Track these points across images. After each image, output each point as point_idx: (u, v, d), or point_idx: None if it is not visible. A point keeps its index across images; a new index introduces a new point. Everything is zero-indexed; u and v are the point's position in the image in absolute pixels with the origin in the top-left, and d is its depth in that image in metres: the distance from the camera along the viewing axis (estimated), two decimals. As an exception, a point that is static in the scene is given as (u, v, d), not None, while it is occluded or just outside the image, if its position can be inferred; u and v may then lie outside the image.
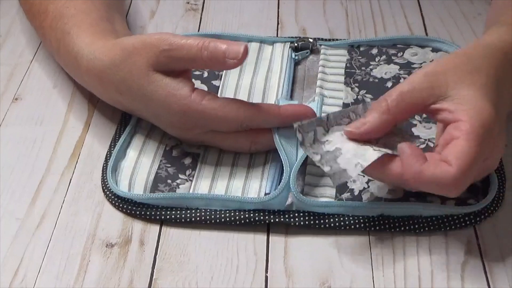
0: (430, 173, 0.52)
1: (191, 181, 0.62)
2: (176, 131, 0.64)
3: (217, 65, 0.61)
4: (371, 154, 0.55)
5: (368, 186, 0.61)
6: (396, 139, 0.57)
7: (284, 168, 0.60)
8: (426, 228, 0.58)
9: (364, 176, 0.61)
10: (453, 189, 0.53)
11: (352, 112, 0.59)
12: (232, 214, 0.59)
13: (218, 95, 0.70)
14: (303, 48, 0.76)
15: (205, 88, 0.71)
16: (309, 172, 0.62)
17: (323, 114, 0.61)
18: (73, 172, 0.64)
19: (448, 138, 0.54)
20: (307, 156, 0.60)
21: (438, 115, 0.56)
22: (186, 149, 0.65)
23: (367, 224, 0.58)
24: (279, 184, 0.60)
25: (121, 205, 0.61)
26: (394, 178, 0.55)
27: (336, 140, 0.58)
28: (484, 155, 0.54)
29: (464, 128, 0.53)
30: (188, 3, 0.87)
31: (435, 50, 0.75)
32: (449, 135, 0.54)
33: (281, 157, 0.60)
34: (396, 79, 0.71)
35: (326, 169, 0.56)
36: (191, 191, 0.61)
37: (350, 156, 0.55)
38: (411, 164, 0.53)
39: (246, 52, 0.59)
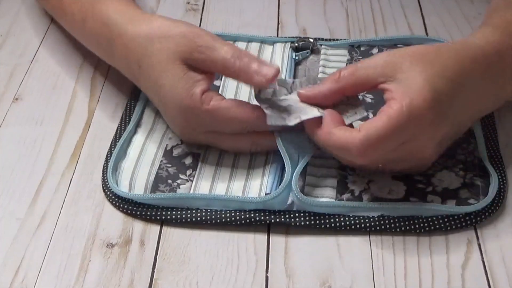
0: (337, 136, 0.56)
1: (192, 181, 0.62)
2: (178, 128, 0.64)
3: (245, 78, 0.61)
4: (313, 112, 0.58)
5: (369, 187, 0.61)
6: (348, 111, 0.60)
7: (286, 168, 0.60)
8: (427, 228, 0.58)
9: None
10: (356, 155, 0.55)
11: (320, 81, 0.62)
12: (233, 214, 0.59)
13: (219, 95, 0.70)
14: (304, 48, 0.76)
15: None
16: (310, 173, 0.62)
17: (290, 79, 0.64)
18: (74, 172, 0.64)
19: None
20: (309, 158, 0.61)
21: (384, 95, 0.57)
22: (186, 149, 0.65)
23: (367, 224, 0.58)
24: (279, 184, 0.60)
25: (121, 205, 0.61)
26: (319, 139, 0.58)
27: (292, 100, 0.61)
28: (402, 138, 0.55)
29: (392, 106, 0.55)
30: (188, 3, 0.86)
31: (435, 50, 0.75)
32: (380, 111, 0.56)
33: (284, 159, 0.60)
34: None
35: (268, 112, 0.59)
36: (191, 191, 0.61)
37: (296, 111, 0.59)
38: (326, 125, 0.57)
39: (276, 74, 0.60)
